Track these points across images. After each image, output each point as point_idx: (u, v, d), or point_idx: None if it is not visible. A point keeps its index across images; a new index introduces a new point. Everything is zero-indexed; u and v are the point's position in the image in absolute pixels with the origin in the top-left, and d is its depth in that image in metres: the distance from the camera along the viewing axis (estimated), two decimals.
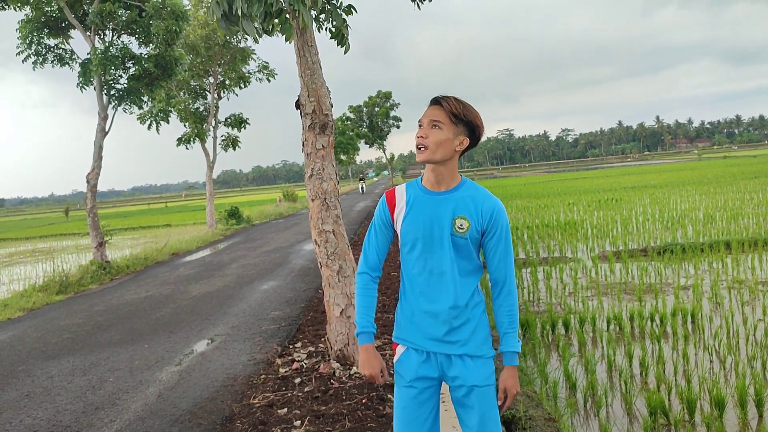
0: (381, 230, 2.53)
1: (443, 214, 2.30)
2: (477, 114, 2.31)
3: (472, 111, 2.30)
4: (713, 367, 5.06)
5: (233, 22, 4.31)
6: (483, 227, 2.30)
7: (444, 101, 2.28)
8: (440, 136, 2.26)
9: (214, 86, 22.42)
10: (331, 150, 5.23)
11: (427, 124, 2.29)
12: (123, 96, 14.05)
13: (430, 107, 2.32)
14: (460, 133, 2.29)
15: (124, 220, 43.60)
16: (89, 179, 13.43)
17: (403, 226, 2.39)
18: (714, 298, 7.08)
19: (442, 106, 2.27)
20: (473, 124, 2.29)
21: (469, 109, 2.29)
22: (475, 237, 2.30)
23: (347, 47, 5.47)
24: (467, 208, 2.30)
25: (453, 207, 2.31)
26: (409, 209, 2.38)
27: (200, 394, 5.08)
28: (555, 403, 4.41)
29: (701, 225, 12.77)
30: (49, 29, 13.54)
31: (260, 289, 9.79)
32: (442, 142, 2.26)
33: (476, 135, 2.33)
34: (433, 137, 2.26)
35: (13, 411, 5.08)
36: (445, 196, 2.33)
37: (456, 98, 2.30)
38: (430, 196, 2.35)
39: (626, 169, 62.06)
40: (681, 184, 26.64)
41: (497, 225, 2.30)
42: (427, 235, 2.33)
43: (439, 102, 2.30)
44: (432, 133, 2.27)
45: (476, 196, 2.32)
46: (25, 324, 8.72)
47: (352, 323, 5.20)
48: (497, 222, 2.30)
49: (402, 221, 2.40)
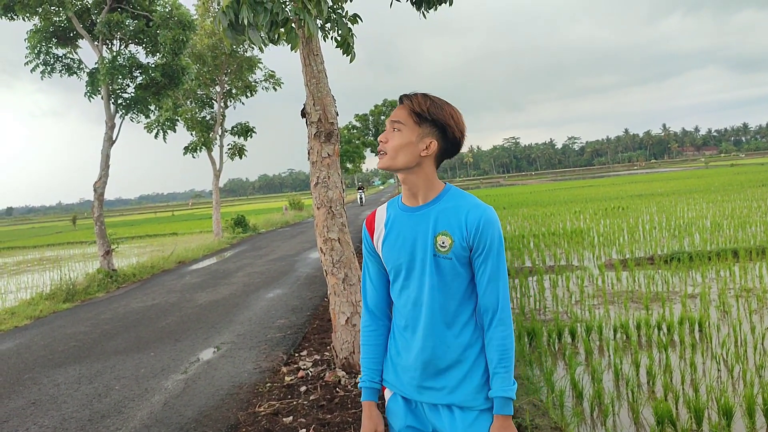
0: (370, 260, 2.16)
1: (423, 231, 1.94)
2: (449, 112, 1.93)
3: (442, 108, 1.93)
4: (721, 376, 5.02)
5: (239, 32, 4.33)
6: (470, 243, 1.89)
7: (407, 98, 1.95)
8: (400, 140, 1.93)
9: (220, 95, 22.54)
10: (337, 158, 5.24)
11: (389, 126, 1.98)
12: (130, 105, 14.15)
13: (398, 106, 1.99)
14: (426, 134, 1.93)
15: (130, 228, 43.76)
16: (96, 188, 13.49)
17: (383, 251, 2.04)
18: (721, 307, 7.04)
19: (404, 104, 1.96)
20: (442, 124, 1.92)
21: (438, 106, 1.92)
22: (462, 255, 1.91)
23: (353, 56, 5.50)
24: (449, 221, 1.91)
25: (433, 222, 1.93)
26: (388, 231, 2.03)
27: (206, 403, 5.08)
28: (561, 412, 4.38)
29: (708, 233, 12.71)
30: (58, 39, 13.67)
31: (266, 298, 9.79)
32: (403, 146, 1.92)
33: (450, 137, 1.95)
34: (392, 141, 1.94)
35: (20, 419, 5.09)
36: (423, 211, 1.96)
37: (424, 95, 1.95)
38: (408, 214, 1.99)
39: (633, 177, 61.91)
40: (688, 192, 26.55)
41: (485, 239, 1.89)
42: (409, 260, 1.97)
43: (402, 99, 1.97)
44: (392, 136, 1.95)
45: (460, 206, 1.93)
46: (32, 332, 8.74)
47: (358, 331, 5.20)
48: (485, 235, 1.88)
49: (382, 246, 2.05)
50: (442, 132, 1.94)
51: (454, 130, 1.94)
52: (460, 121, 1.96)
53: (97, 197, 13.52)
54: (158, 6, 13.97)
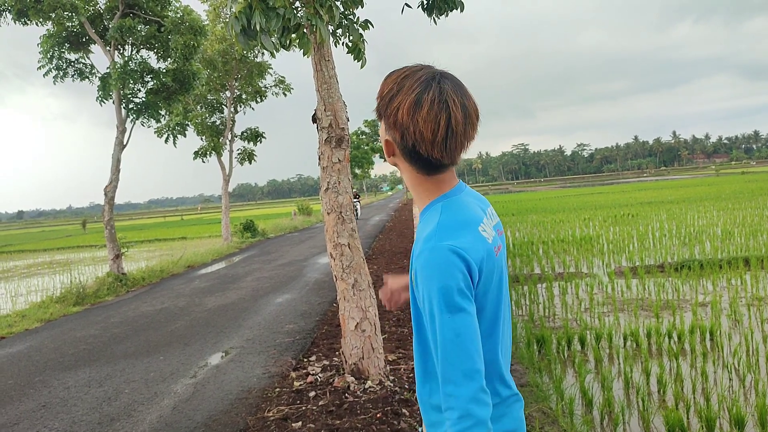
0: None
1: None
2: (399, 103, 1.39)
3: (394, 99, 1.41)
4: (732, 386, 4.99)
5: (252, 37, 4.36)
6: (416, 295, 1.44)
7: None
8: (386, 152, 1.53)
9: (230, 100, 22.63)
10: (347, 164, 5.25)
11: None
12: (141, 109, 14.22)
13: None
14: (384, 131, 1.49)
15: (140, 232, 43.95)
16: (107, 192, 13.57)
17: None
18: (733, 316, 6.99)
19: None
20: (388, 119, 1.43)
21: (392, 97, 1.42)
22: (414, 304, 1.50)
23: (364, 62, 5.51)
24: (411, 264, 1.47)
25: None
26: None
27: (215, 407, 5.08)
28: (571, 420, 4.36)
29: (719, 241, 12.63)
30: (70, 44, 13.77)
31: (275, 302, 9.80)
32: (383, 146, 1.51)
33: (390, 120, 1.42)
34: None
35: (30, 421, 5.11)
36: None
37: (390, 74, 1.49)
38: None
39: (642, 185, 61.65)
40: (698, 200, 26.41)
41: (418, 288, 1.40)
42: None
43: None
44: None
45: (418, 237, 1.47)
46: (43, 335, 8.79)
47: (367, 337, 5.20)
48: (417, 283, 1.40)
49: None
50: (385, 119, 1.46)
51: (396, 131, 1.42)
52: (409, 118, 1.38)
53: (108, 201, 13.59)
54: (170, 12, 14.06)
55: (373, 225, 27.86)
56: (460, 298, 1.33)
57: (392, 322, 7.44)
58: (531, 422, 4.08)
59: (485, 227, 1.48)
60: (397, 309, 1.57)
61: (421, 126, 1.36)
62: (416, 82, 1.39)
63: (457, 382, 1.31)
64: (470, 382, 1.31)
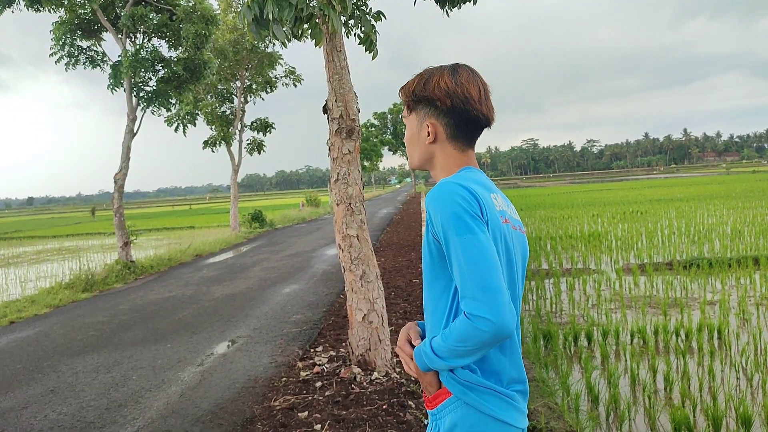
0: None
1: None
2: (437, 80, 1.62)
3: (429, 80, 1.63)
4: (740, 385, 4.97)
5: (264, 27, 4.35)
6: (435, 235, 1.55)
7: (400, 90, 1.72)
8: (407, 135, 1.75)
9: (240, 90, 22.64)
10: (357, 155, 5.25)
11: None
12: (152, 98, 14.26)
13: None
14: (423, 118, 1.67)
15: (148, 221, 44.14)
16: (117, 179, 13.62)
17: None
18: (741, 314, 6.96)
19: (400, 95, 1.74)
20: (430, 99, 1.63)
21: (425, 80, 1.64)
22: (430, 254, 1.60)
23: (375, 53, 5.50)
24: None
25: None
26: None
27: (222, 395, 5.11)
28: (577, 416, 4.36)
29: (729, 240, 12.56)
30: (82, 31, 13.81)
31: (282, 293, 9.83)
32: (410, 141, 1.73)
33: (444, 109, 1.63)
34: (405, 138, 1.77)
35: (39, 405, 5.16)
36: None
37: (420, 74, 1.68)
38: None
39: (652, 182, 61.35)
40: (708, 198, 26.25)
41: (434, 225, 1.52)
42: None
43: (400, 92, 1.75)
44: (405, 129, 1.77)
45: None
46: (52, 320, 8.85)
47: (375, 329, 5.21)
48: (432, 220, 1.53)
49: None
50: (434, 107, 1.64)
51: (446, 99, 1.61)
52: (453, 85, 1.61)
53: (118, 189, 13.65)
54: (182, 0, 14.07)
55: (381, 218, 27.86)
56: (473, 221, 1.45)
57: (399, 315, 7.45)
58: (536, 417, 4.08)
59: (497, 197, 1.63)
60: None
61: (467, 86, 1.60)
62: (440, 67, 1.65)
63: (478, 298, 1.40)
64: (492, 296, 1.39)
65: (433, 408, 1.61)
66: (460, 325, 1.45)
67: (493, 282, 1.41)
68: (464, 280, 1.43)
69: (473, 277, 1.41)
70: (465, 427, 1.54)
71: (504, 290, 1.41)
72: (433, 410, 1.62)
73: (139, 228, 19.06)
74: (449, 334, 1.48)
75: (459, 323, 1.45)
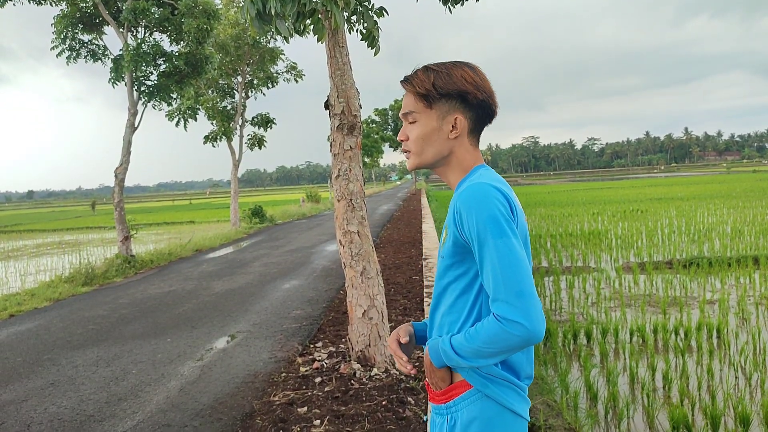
0: None
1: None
2: (461, 75, 1.63)
3: (451, 75, 1.63)
4: (739, 384, 4.98)
5: (266, 22, 4.35)
6: (460, 235, 1.55)
7: (407, 83, 1.68)
8: (420, 131, 1.66)
9: (242, 85, 22.61)
10: (359, 151, 5.25)
11: (404, 120, 1.71)
12: (153, 92, 14.24)
13: (404, 95, 1.72)
14: (446, 112, 1.64)
15: (148, 215, 44.14)
16: (117, 174, 13.62)
17: None
18: (741, 314, 6.97)
19: (407, 89, 1.69)
20: (461, 92, 1.62)
21: (445, 75, 1.63)
22: (453, 256, 1.60)
23: (377, 49, 5.50)
24: (451, 211, 1.61)
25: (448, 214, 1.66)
26: None
27: (221, 390, 5.12)
28: (575, 414, 4.37)
29: (729, 239, 12.57)
30: (84, 25, 13.79)
31: (282, 288, 9.84)
32: (426, 137, 1.66)
33: (475, 102, 1.64)
34: (412, 136, 1.68)
35: (38, 398, 5.17)
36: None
37: (425, 68, 1.67)
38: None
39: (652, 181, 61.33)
40: (708, 197, 26.26)
41: (466, 225, 1.51)
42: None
43: (405, 84, 1.69)
44: (410, 130, 1.69)
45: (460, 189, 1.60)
46: (52, 314, 8.86)
47: (374, 325, 5.21)
48: (464, 220, 1.51)
49: None
50: (464, 101, 1.63)
51: (476, 93, 1.62)
52: (478, 79, 1.64)
53: (118, 183, 13.65)
54: None
55: (381, 214, 27.86)
56: (507, 225, 1.47)
57: (399, 311, 7.46)
58: (535, 414, 4.09)
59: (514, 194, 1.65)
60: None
61: (486, 83, 1.65)
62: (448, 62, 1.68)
63: (512, 302, 1.42)
64: (526, 301, 1.42)
65: (447, 401, 1.62)
66: (490, 328, 1.45)
67: (527, 287, 1.43)
68: (497, 283, 1.44)
69: (508, 282, 1.43)
70: (485, 419, 1.56)
71: (536, 296, 1.44)
72: (446, 403, 1.62)
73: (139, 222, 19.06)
74: (476, 336, 1.49)
75: (489, 325, 1.46)
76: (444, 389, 1.62)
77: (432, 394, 1.68)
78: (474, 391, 1.58)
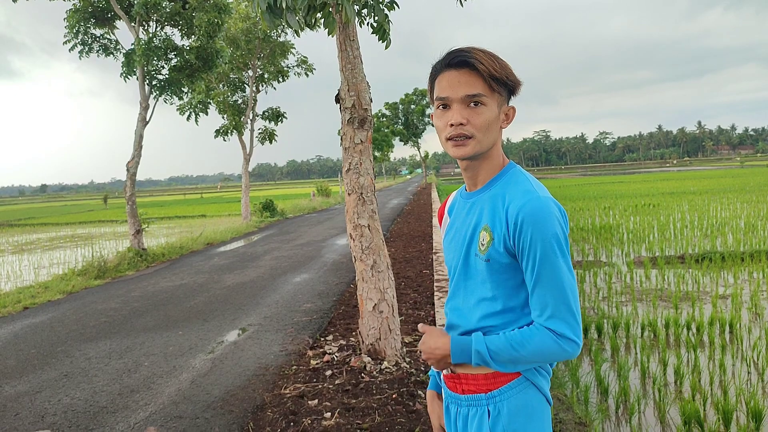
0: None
1: (471, 223, 1.63)
2: (508, 65, 1.60)
3: (508, 65, 1.58)
4: (751, 379, 4.95)
5: (277, 15, 4.35)
6: (511, 242, 1.52)
7: (477, 61, 1.53)
8: (488, 116, 1.55)
9: (252, 79, 22.65)
10: (369, 145, 5.25)
11: (462, 102, 1.54)
12: (164, 87, 14.30)
13: (454, 72, 1.55)
14: (502, 102, 1.59)
15: (160, 209, 44.36)
16: (129, 168, 13.69)
17: (443, 247, 1.81)
18: (754, 309, 6.92)
19: (477, 69, 1.53)
20: (514, 84, 1.60)
21: (505, 65, 1.57)
22: (499, 260, 1.55)
23: (388, 43, 5.49)
24: (494, 211, 1.56)
25: (479, 212, 1.61)
26: (449, 223, 1.78)
27: (232, 382, 5.15)
28: (586, 408, 4.36)
29: (742, 234, 12.47)
30: (96, 19, 13.85)
31: (293, 282, 9.87)
32: (491, 123, 1.56)
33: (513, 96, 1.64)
34: (477, 119, 1.54)
35: (52, 390, 5.22)
36: (476, 198, 1.65)
37: (486, 51, 1.56)
38: (464, 201, 1.71)
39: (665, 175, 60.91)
40: (722, 192, 26.05)
41: (525, 238, 1.49)
42: (458, 258, 1.67)
43: (469, 63, 1.53)
44: (475, 114, 1.54)
45: (508, 193, 1.56)
46: (65, 306, 8.94)
47: (385, 318, 5.22)
48: (525, 232, 1.49)
49: (443, 241, 1.81)
50: (510, 93, 1.62)
51: (519, 88, 1.61)
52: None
53: (130, 177, 13.72)
54: None
55: (392, 208, 27.86)
56: (566, 245, 1.52)
57: (409, 305, 7.47)
58: None
59: None
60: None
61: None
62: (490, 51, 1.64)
63: (570, 321, 1.49)
64: (579, 321, 1.50)
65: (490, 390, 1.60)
66: (542, 341, 1.50)
67: (578, 307, 1.52)
68: (558, 302, 1.49)
69: (567, 301, 1.49)
70: (531, 407, 1.59)
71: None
72: (489, 393, 1.60)
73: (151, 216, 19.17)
74: (523, 345, 1.51)
75: (541, 338, 1.50)
76: (487, 376, 1.61)
77: (466, 384, 1.65)
78: (522, 379, 1.59)
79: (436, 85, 1.60)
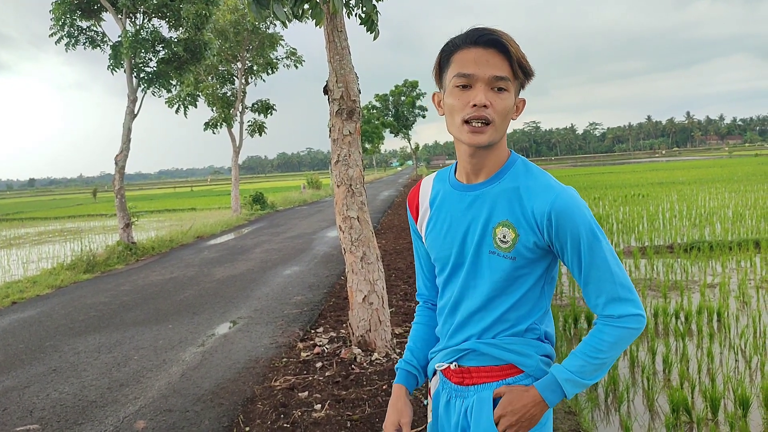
0: (416, 243, 1.83)
1: (478, 219, 1.55)
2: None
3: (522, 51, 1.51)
4: (738, 367, 4.99)
5: (264, 6, 4.32)
6: (546, 238, 1.50)
7: (507, 43, 1.45)
8: (509, 103, 1.48)
9: (241, 71, 22.52)
10: (358, 136, 5.23)
11: (488, 83, 1.45)
12: (152, 79, 14.17)
13: (482, 50, 1.45)
14: (517, 92, 1.53)
15: (150, 202, 44.15)
16: (117, 161, 13.60)
17: (428, 238, 1.68)
18: (741, 297, 6.97)
19: (507, 52, 1.45)
20: (532, 75, 1.53)
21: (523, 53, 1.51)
22: (527, 256, 1.52)
23: (376, 34, 5.46)
24: (512, 207, 1.51)
25: (490, 207, 1.54)
26: (434, 213, 1.66)
27: (222, 375, 5.15)
28: (575, 397, 4.38)
29: (730, 223, 12.56)
30: (82, 11, 13.68)
31: (283, 274, 9.86)
32: (509, 111, 1.50)
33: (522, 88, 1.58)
34: (501, 105, 1.47)
35: (41, 384, 5.19)
36: (480, 191, 1.56)
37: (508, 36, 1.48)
38: (460, 193, 1.60)
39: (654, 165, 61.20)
40: (710, 181, 26.20)
41: (565, 234, 1.47)
42: (457, 254, 1.60)
43: (500, 43, 1.45)
44: (497, 99, 1.46)
45: (527, 188, 1.51)
46: (53, 301, 8.89)
47: (375, 310, 5.22)
48: (565, 226, 1.47)
49: (426, 231, 1.69)
50: (521, 85, 1.54)
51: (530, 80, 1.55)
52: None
53: (119, 170, 13.63)
54: None
55: (382, 200, 27.85)
56: (599, 227, 1.52)
57: (399, 297, 7.47)
58: None
59: None
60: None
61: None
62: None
63: (630, 298, 1.49)
64: (632, 295, 1.51)
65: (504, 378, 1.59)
66: (612, 335, 1.51)
67: (628, 278, 1.53)
68: (615, 285, 1.49)
69: (618, 280, 1.50)
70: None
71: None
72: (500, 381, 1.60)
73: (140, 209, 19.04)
74: (598, 349, 1.51)
75: (608, 333, 1.51)
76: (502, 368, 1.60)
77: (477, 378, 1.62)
78: (535, 367, 1.59)
79: (454, 62, 1.48)
